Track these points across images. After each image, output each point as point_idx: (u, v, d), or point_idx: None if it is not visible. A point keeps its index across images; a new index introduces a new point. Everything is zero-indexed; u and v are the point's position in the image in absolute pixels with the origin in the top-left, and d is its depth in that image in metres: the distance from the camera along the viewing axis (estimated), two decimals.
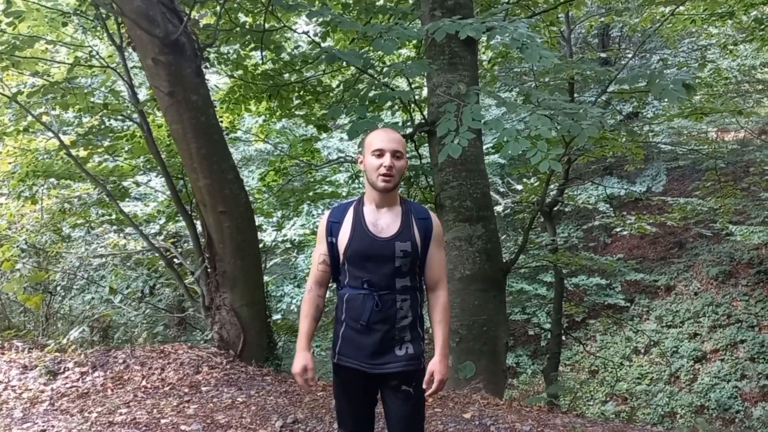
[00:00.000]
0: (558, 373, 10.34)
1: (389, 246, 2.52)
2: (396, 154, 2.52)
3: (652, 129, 12.29)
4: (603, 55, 13.86)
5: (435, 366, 2.55)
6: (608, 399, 12.60)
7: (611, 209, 14.19)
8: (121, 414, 4.57)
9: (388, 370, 2.54)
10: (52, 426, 4.37)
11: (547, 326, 13.17)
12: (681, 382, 12.28)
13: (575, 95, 9.94)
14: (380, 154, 2.50)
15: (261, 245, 7.61)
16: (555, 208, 10.82)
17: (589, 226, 15.59)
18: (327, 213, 2.72)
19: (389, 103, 8.24)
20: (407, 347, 2.56)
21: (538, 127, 4.06)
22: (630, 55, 13.07)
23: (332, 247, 2.63)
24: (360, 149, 2.78)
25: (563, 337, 11.81)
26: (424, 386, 2.55)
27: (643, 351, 13.36)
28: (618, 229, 13.40)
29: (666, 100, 4.54)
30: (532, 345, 14.66)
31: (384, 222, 2.57)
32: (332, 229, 2.63)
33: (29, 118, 6.90)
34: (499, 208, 13.54)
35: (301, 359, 2.60)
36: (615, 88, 9.51)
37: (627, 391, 12.60)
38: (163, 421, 4.44)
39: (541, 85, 9.73)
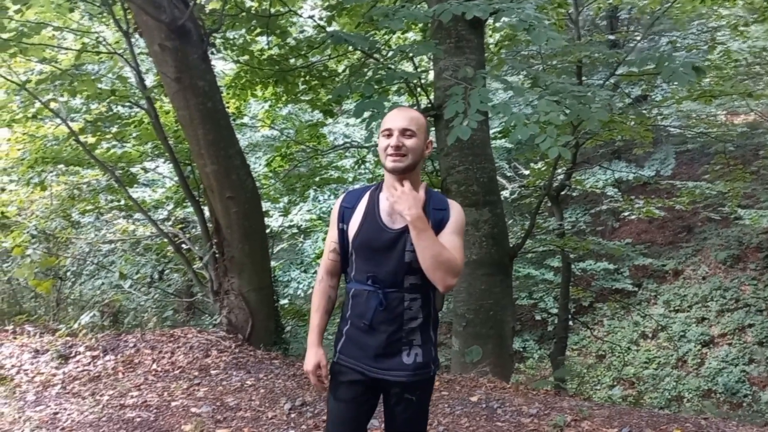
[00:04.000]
0: (565, 358, 10.37)
1: (400, 238, 2.25)
2: (406, 132, 2.24)
3: (661, 112, 12.19)
4: (611, 37, 13.76)
5: None
6: (615, 383, 12.64)
7: (619, 193, 14.14)
8: (132, 397, 4.63)
9: (393, 378, 2.30)
10: (65, 409, 4.44)
11: (554, 311, 13.20)
12: (688, 367, 12.30)
13: (583, 78, 9.87)
14: (389, 133, 2.26)
15: (268, 230, 7.65)
16: (562, 193, 10.79)
17: (597, 211, 15.55)
18: (341, 197, 2.47)
19: (395, 87, 8.24)
20: (416, 353, 2.30)
21: (547, 112, 4.03)
22: (639, 38, 12.96)
23: (343, 234, 2.38)
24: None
25: (570, 322, 11.83)
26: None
27: (650, 335, 13.37)
28: (626, 214, 13.37)
29: (675, 83, 4.50)
30: (538, 330, 14.70)
31: None
32: (344, 215, 2.38)
33: (37, 104, 6.92)
34: (505, 193, 13.53)
35: (313, 356, 2.37)
36: (623, 71, 9.43)
37: (634, 375, 12.63)
38: (173, 403, 4.50)
39: (548, 68, 9.67)
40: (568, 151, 4.22)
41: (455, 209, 2.34)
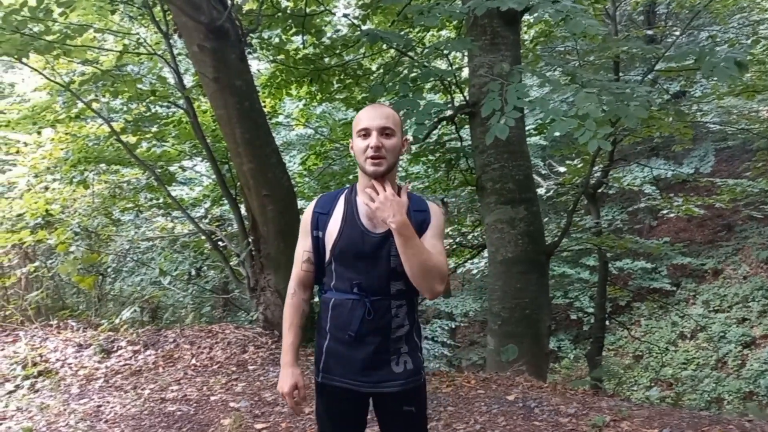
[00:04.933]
0: (602, 358, 10.24)
1: (384, 243, 2.13)
2: (385, 132, 2.11)
3: (701, 108, 11.94)
4: (649, 32, 13.51)
5: None
6: (653, 384, 12.44)
7: (657, 191, 13.88)
8: (172, 391, 4.73)
9: (386, 389, 2.18)
10: (108, 402, 4.55)
11: (590, 310, 13.03)
12: (729, 368, 12.03)
13: (621, 74, 9.72)
14: (366, 133, 2.11)
15: None
16: (599, 190, 10.65)
17: (635, 209, 15.30)
18: (313, 202, 2.31)
19: (429, 85, 8.22)
20: (405, 361, 2.19)
21: (585, 106, 3.97)
22: (678, 33, 12.70)
23: (318, 242, 2.24)
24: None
25: (607, 322, 11.66)
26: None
27: (689, 336, 13.12)
28: (664, 212, 13.11)
29: (716, 78, 4.39)
30: (574, 329, 14.53)
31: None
32: (318, 222, 2.23)
33: (80, 105, 7.09)
34: (541, 191, 13.40)
35: (289, 377, 2.22)
36: (662, 67, 9.26)
37: (672, 376, 12.41)
38: (212, 398, 4.58)
39: (585, 64, 9.55)
40: (608, 143, 4.13)
41: (435, 211, 2.24)
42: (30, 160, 8.12)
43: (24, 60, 5.99)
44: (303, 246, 2.28)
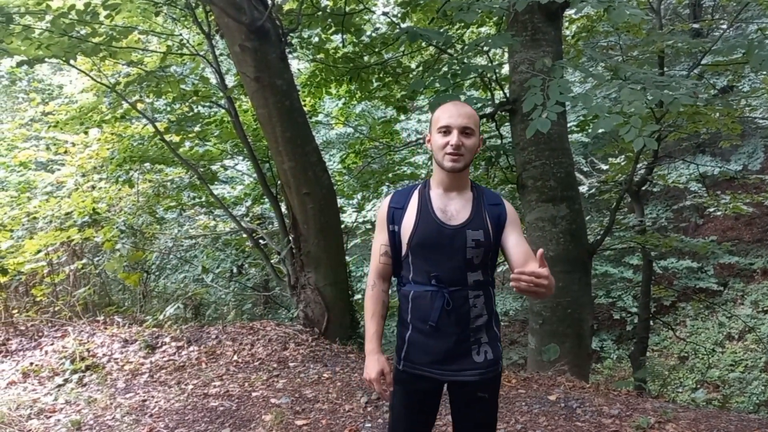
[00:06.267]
0: (646, 358, 10.03)
1: (460, 235, 2.20)
2: (465, 131, 2.18)
3: (749, 103, 11.57)
4: (695, 26, 13.14)
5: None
6: (699, 386, 12.12)
7: (704, 188, 13.52)
8: (215, 386, 4.80)
9: (466, 378, 2.25)
10: (152, 396, 4.64)
11: (633, 310, 12.77)
12: None
13: (665, 69, 9.49)
14: (447, 131, 2.18)
15: (342, 226, 7.75)
16: (643, 188, 10.41)
17: (680, 207, 14.93)
18: (388, 198, 2.38)
19: (469, 82, 8.16)
20: (486, 351, 2.27)
21: (630, 101, 3.88)
22: (725, 26, 12.33)
23: (394, 236, 2.31)
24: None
25: (651, 322, 11.40)
26: (525, 270, 1.98)
27: (737, 337, 12.74)
28: (711, 210, 12.77)
29: (765, 72, 4.25)
30: (616, 329, 14.27)
31: (454, 208, 2.25)
32: (394, 216, 2.31)
33: (125, 105, 7.25)
34: (583, 189, 13.18)
35: (375, 363, 2.31)
36: (709, 61, 9.00)
37: (719, 378, 12.07)
38: (254, 394, 4.63)
39: (629, 59, 9.35)
40: (654, 141, 4.03)
41: (508, 205, 2.32)
42: (77, 159, 8.35)
43: (72, 62, 6.16)
44: (380, 240, 2.36)
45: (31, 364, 5.22)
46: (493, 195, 2.34)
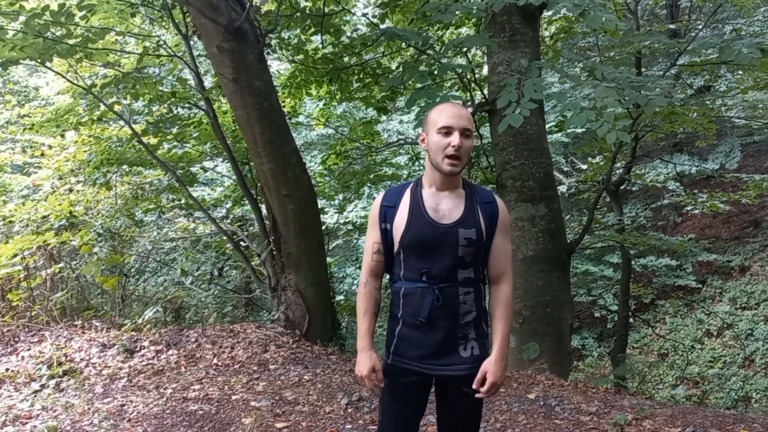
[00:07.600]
0: (625, 356, 10.12)
1: (452, 233, 2.24)
2: (465, 133, 2.21)
3: (725, 103, 11.74)
4: (672, 26, 13.30)
5: (490, 366, 2.25)
6: (678, 382, 12.26)
7: (681, 187, 13.69)
8: (194, 390, 4.76)
9: (453, 372, 2.29)
10: (131, 401, 4.60)
11: (614, 308, 12.88)
12: (756, 366, 11.81)
13: (642, 70, 9.59)
14: (448, 132, 2.20)
15: (323, 227, 7.74)
16: (621, 187, 10.53)
17: (658, 206, 15.11)
18: (380, 196, 2.41)
19: (449, 83, 8.19)
20: (472, 347, 2.31)
21: (603, 98, 3.92)
22: (701, 26, 12.49)
23: (386, 234, 2.34)
24: (422, 127, 2.45)
25: (631, 320, 11.52)
26: (474, 386, 2.26)
27: (715, 334, 12.91)
28: (689, 208, 12.94)
29: (740, 72, 4.32)
30: (597, 327, 14.39)
31: (446, 207, 2.28)
32: (386, 214, 2.34)
33: (102, 107, 7.17)
34: (562, 188, 13.29)
35: (367, 360, 2.33)
36: (685, 61, 9.12)
37: (698, 374, 12.22)
38: (234, 397, 4.61)
39: (606, 59, 9.45)
40: (627, 135, 4.06)
41: (500, 204, 2.37)
42: (54, 162, 8.24)
43: (47, 64, 6.08)
44: (372, 238, 2.39)
45: (7, 369, 5.15)
46: (486, 193, 2.39)
